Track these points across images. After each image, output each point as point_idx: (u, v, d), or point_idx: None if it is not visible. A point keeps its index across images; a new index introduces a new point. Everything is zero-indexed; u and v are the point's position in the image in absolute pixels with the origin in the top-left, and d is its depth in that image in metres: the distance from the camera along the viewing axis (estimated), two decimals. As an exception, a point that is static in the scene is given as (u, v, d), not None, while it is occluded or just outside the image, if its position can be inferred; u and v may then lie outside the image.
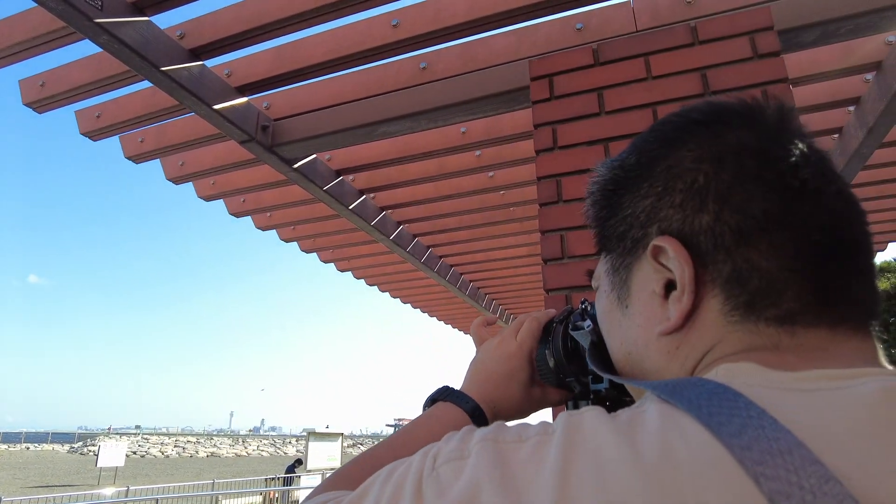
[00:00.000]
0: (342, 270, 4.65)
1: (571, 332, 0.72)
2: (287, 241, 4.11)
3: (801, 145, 0.48)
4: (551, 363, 0.75)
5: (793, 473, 0.30)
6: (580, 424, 0.38)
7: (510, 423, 0.44)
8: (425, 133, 2.69)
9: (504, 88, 2.01)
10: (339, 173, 2.98)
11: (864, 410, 0.34)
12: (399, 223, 3.64)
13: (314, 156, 2.76)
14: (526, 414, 0.78)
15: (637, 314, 0.53)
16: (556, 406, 0.79)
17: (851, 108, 2.49)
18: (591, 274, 0.67)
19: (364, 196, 3.21)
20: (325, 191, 2.85)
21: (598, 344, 0.65)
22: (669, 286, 0.49)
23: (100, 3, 1.68)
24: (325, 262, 4.46)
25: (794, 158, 0.47)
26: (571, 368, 0.73)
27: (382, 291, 5.30)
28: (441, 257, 4.34)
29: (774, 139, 0.48)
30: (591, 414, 0.39)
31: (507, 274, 4.81)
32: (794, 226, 0.45)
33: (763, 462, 0.31)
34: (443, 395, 0.74)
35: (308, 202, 3.45)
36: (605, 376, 0.60)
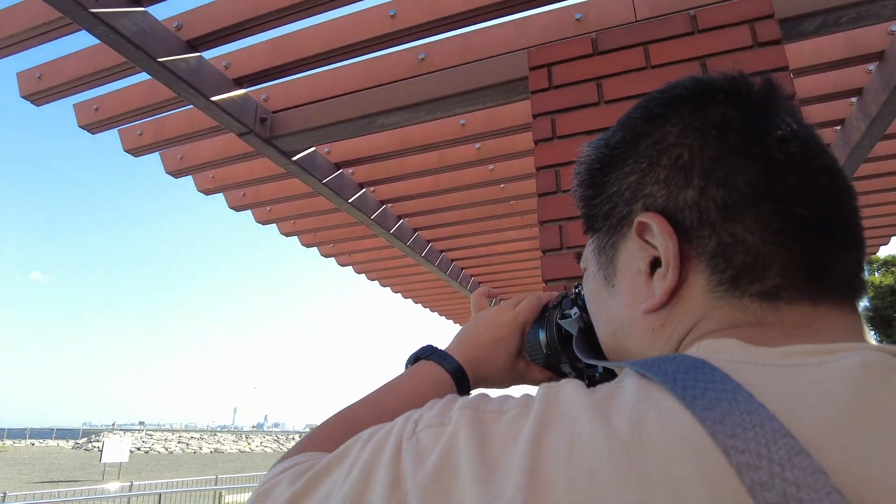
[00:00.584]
0: (343, 265, 4.65)
1: (559, 321, 0.72)
2: (287, 235, 4.10)
3: (787, 119, 0.48)
4: (542, 343, 0.75)
5: (763, 446, 0.30)
6: (557, 397, 0.38)
7: (494, 395, 0.43)
8: (424, 125, 2.68)
9: (503, 79, 2.00)
10: (338, 166, 2.97)
11: (841, 385, 0.34)
12: (399, 217, 3.63)
13: (313, 148, 2.75)
14: (507, 385, 0.78)
15: (623, 293, 0.53)
16: (538, 385, 0.79)
17: (854, 100, 2.47)
18: (579, 256, 0.67)
19: (364, 189, 3.20)
20: (324, 184, 2.84)
21: (586, 331, 0.66)
22: (655, 264, 0.49)
23: (95, -7, 1.67)
24: (326, 256, 4.46)
25: (779, 132, 0.46)
26: (566, 353, 0.73)
27: (383, 286, 5.30)
28: (442, 251, 4.33)
29: (760, 114, 0.48)
30: (569, 387, 0.39)
31: (509, 268, 4.80)
32: (779, 199, 0.45)
33: (735, 435, 0.31)
34: (426, 353, 0.73)
35: (308, 196, 3.44)
36: (588, 362, 0.60)
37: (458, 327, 7.60)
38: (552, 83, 1.72)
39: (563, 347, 0.73)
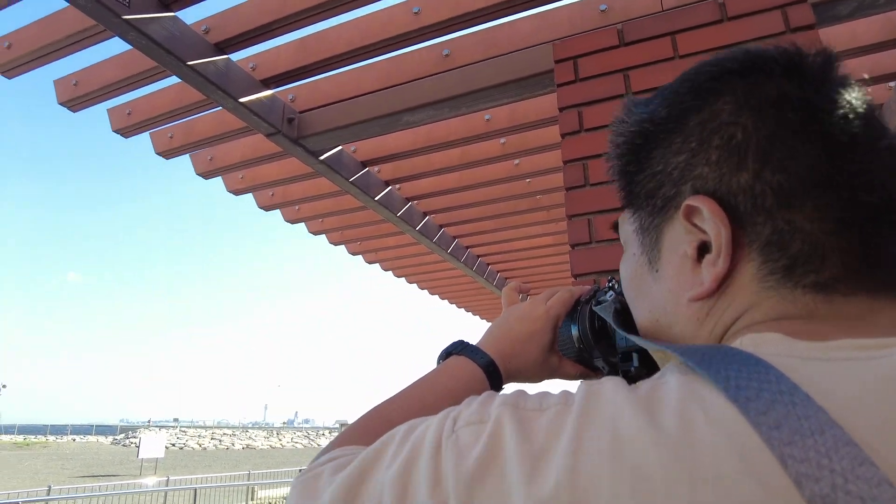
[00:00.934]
0: (370, 262, 4.68)
1: (594, 308, 0.71)
2: (315, 233, 4.15)
3: (847, 95, 0.44)
4: (575, 337, 0.75)
5: (824, 456, 0.28)
6: (598, 394, 0.37)
7: (531, 391, 0.43)
8: (449, 122, 2.68)
9: (527, 73, 1.98)
10: (364, 164, 2.99)
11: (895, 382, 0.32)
12: (425, 213, 3.64)
13: (340, 147, 2.77)
14: (539, 379, 0.78)
15: (667, 278, 0.51)
16: (571, 380, 0.78)
17: (892, 84, 2.39)
18: (616, 227, 0.64)
19: (390, 187, 3.22)
20: (351, 182, 2.86)
21: (622, 311, 0.64)
22: (702, 249, 0.47)
23: (127, 1, 1.72)
24: (353, 254, 4.49)
25: (841, 110, 0.43)
26: (599, 348, 0.73)
27: (410, 283, 5.32)
28: (468, 247, 4.33)
29: (818, 89, 0.45)
30: (610, 384, 0.38)
31: (535, 263, 4.78)
32: (841, 186, 0.42)
33: (792, 442, 0.29)
34: (457, 348, 0.73)
35: (335, 194, 3.47)
36: (631, 338, 0.58)
37: (485, 323, 7.59)
38: (578, 76, 1.70)
39: (597, 341, 0.73)
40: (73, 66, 2.45)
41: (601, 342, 0.73)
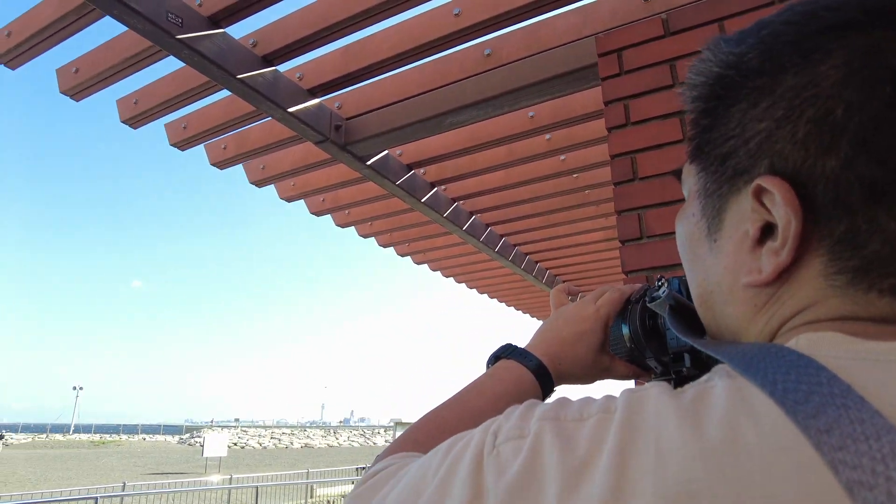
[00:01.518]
0: (418, 263, 4.72)
1: (648, 304, 0.69)
2: (365, 236, 4.22)
3: None
4: (626, 336, 0.73)
5: (879, 462, 0.26)
6: (641, 403, 0.36)
7: (574, 397, 0.43)
8: (493, 120, 2.67)
9: (570, 68, 1.96)
10: (410, 167, 3.02)
11: None
12: (471, 213, 3.64)
13: (386, 151, 2.81)
14: (590, 380, 0.76)
15: (725, 253, 0.47)
16: (624, 379, 0.77)
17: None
18: (678, 175, 0.59)
19: (435, 188, 3.24)
20: (397, 185, 2.90)
21: (678, 308, 0.62)
22: (766, 230, 0.43)
23: (180, 20, 1.79)
24: (402, 255, 4.54)
25: None
26: (651, 346, 0.71)
27: (458, 283, 5.34)
28: (515, 246, 4.31)
29: None
30: (654, 392, 0.37)
31: (585, 259, 4.71)
32: None
33: (844, 447, 0.27)
34: (506, 352, 0.72)
35: (383, 198, 3.52)
36: (684, 340, 0.57)
37: (534, 321, 7.53)
38: (623, 68, 1.67)
39: (648, 340, 0.72)
40: (133, 86, 2.58)
41: (653, 341, 0.71)
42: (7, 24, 2.23)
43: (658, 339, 0.71)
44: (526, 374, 0.69)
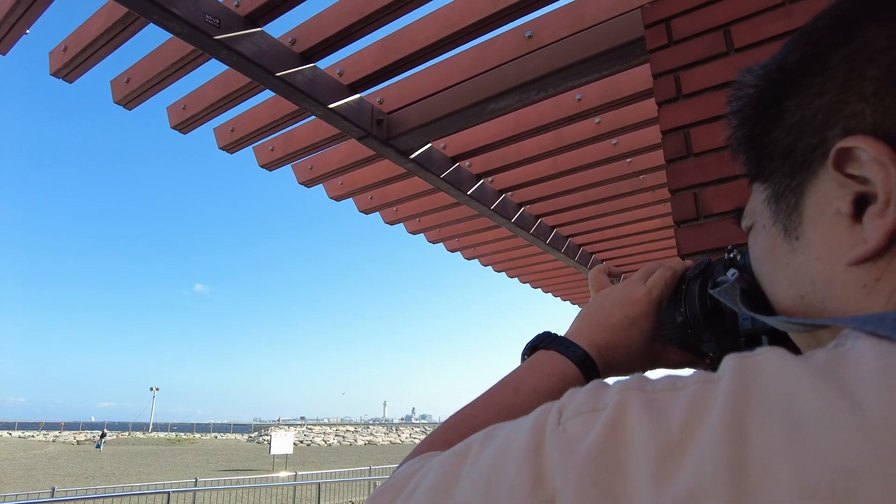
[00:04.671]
0: (469, 258, 4.67)
1: (712, 292, 0.60)
2: (414, 233, 4.20)
3: None
4: (681, 320, 0.65)
5: None
6: (758, 367, 0.29)
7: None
8: (538, 106, 2.58)
9: (616, 43, 1.85)
10: (454, 160, 2.97)
11: None
12: (520, 205, 3.56)
13: (429, 145, 2.77)
14: (642, 371, 0.66)
15: (814, 244, 0.42)
16: (675, 368, 0.68)
17: None
18: (739, 216, 0.55)
19: (482, 180, 3.17)
20: (442, 178, 2.85)
21: (749, 290, 0.54)
22: (861, 202, 0.38)
23: (217, 21, 1.81)
24: (452, 251, 4.50)
25: None
26: (710, 331, 0.63)
27: (511, 277, 5.25)
28: (568, 237, 4.18)
29: None
30: (773, 354, 0.30)
31: (642, 249, 4.52)
32: None
33: None
34: (545, 342, 0.63)
35: (430, 192, 3.49)
36: (769, 320, 0.48)
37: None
38: (672, 38, 1.55)
39: (708, 324, 0.63)
40: (181, 93, 2.64)
41: (713, 324, 0.63)
42: (63, 39, 2.32)
43: (721, 321, 0.62)
44: (569, 366, 0.60)
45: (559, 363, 0.61)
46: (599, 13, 1.95)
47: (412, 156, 2.65)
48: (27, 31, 2.18)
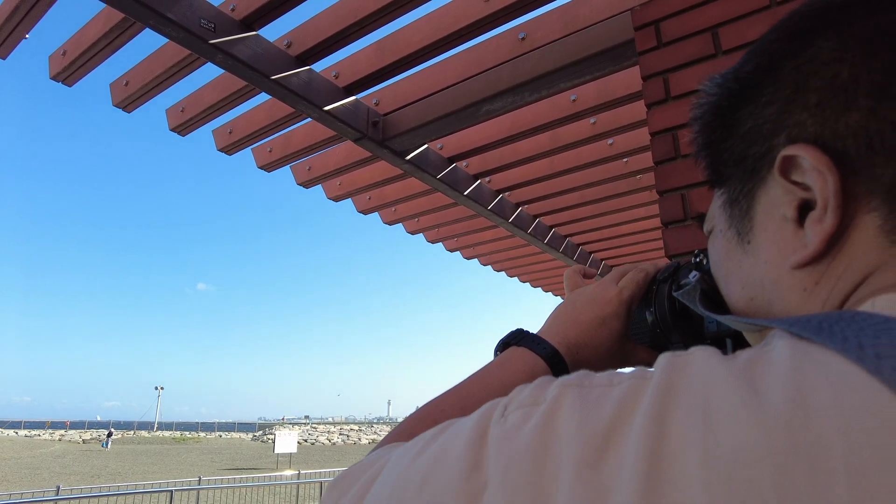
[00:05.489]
0: (468, 258, 4.68)
1: (675, 295, 0.62)
2: (413, 233, 4.22)
3: None
4: (651, 320, 0.67)
5: None
6: (686, 365, 0.31)
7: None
8: (534, 107, 2.59)
9: (607, 45, 1.87)
10: (451, 161, 2.98)
11: None
12: (518, 205, 3.57)
13: (426, 146, 2.79)
14: (613, 369, 0.69)
15: (763, 248, 0.44)
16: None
17: None
18: (702, 220, 0.58)
19: (479, 181, 3.19)
20: (438, 179, 2.87)
21: (709, 291, 0.56)
22: (805, 208, 0.40)
23: (212, 26, 1.83)
24: (451, 251, 4.52)
25: None
26: (679, 331, 0.65)
27: (511, 276, 5.27)
28: (566, 236, 4.20)
29: None
30: (701, 354, 0.31)
31: (640, 248, 4.53)
32: None
33: None
34: (516, 338, 0.65)
35: (427, 193, 3.50)
36: (723, 319, 0.50)
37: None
38: (661, 40, 1.57)
39: (676, 325, 0.65)
40: (180, 96, 2.66)
41: (682, 325, 0.65)
42: (62, 43, 2.35)
43: (688, 323, 0.64)
44: (539, 362, 0.62)
45: (529, 359, 0.62)
46: (592, 15, 1.97)
47: (408, 157, 2.67)
48: (27, 36, 2.21)
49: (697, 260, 0.63)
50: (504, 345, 0.66)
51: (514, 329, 0.68)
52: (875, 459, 0.22)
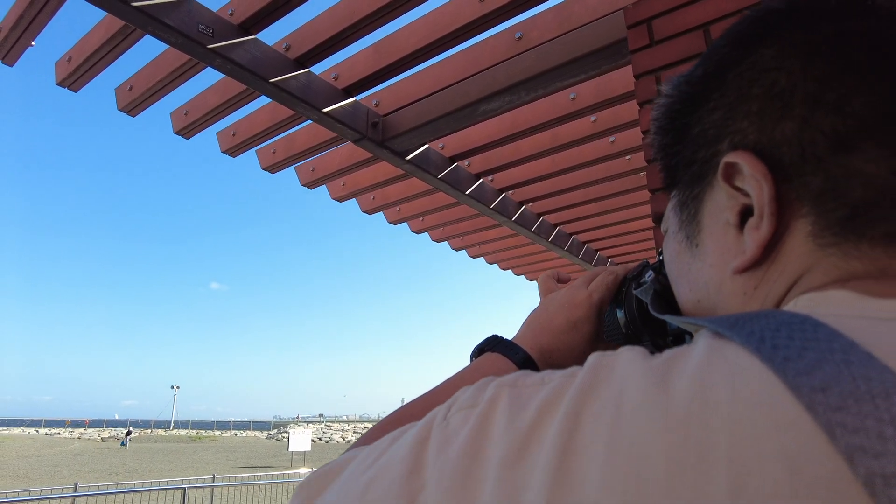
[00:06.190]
0: (474, 257, 4.69)
1: (634, 292, 0.64)
2: (418, 232, 4.24)
3: None
4: (622, 322, 0.68)
5: (888, 424, 0.22)
6: (611, 365, 0.32)
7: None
8: (533, 105, 2.60)
9: (601, 44, 1.87)
10: (453, 160, 2.99)
11: None
12: (521, 203, 3.57)
13: (426, 145, 2.80)
14: None
15: (708, 252, 0.45)
16: None
17: None
18: (660, 219, 0.60)
19: (481, 180, 3.20)
20: (439, 179, 2.88)
21: (662, 292, 0.58)
22: (746, 214, 0.41)
23: (211, 31, 1.85)
24: (456, 249, 4.53)
25: None
26: (648, 331, 0.66)
27: (517, 275, 5.27)
28: (571, 234, 4.19)
29: (890, 24, 0.38)
30: (627, 353, 0.33)
31: (647, 246, 4.51)
32: None
33: (843, 408, 0.23)
34: (490, 345, 0.66)
35: (431, 192, 3.52)
36: (666, 318, 0.52)
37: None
38: (653, 39, 1.56)
39: (645, 324, 0.66)
40: (183, 98, 2.71)
41: (650, 325, 0.66)
42: (67, 50, 2.39)
43: (656, 322, 0.65)
44: (512, 368, 0.63)
45: (502, 365, 0.63)
46: (586, 13, 1.97)
47: (408, 157, 2.68)
48: (32, 43, 2.25)
49: (661, 259, 0.65)
50: (479, 351, 0.67)
51: (490, 335, 0.69)
52: (755, 450, 0.23)
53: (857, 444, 0.22)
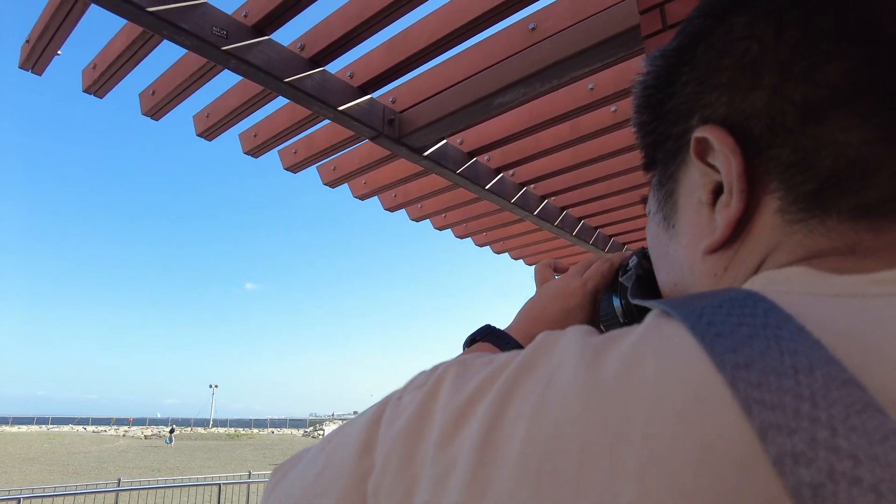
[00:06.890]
0: (498, 252, 4.66)
1: (621, 280, 0.63)
2: (440, 229, 4.23)
3: None
4: (618, 310, 0.66)
5: (805, 401, 0.22)
6: (553, 342, 0.31)
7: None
8: (551, 97, 2.56)
9: (614, 32, 1.83)
10: (472, 155, 2.97)
11: None
12: (543, 197, 3.53)
13: (444, 141, 2.79)
14: None
15: (684, 233, 0.44)
16: None
17: None
18: (645, 201, 0.57)
19: (501, 174, 3.17)
20: (458, 174, 2.87)
21: (646, 277, 0.57)
22: (719, 191, 0.39)
23: (225, 33, 1.88)
24: (480, 245, 4.51)
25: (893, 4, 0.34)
26: (642, 317, 0.64)
27: (543, 269, 5.21)
28: (596, 228, 4.13)
29: None
30: (572, 332, 0.32)
31: (675, 238, 4.42)
32: (890, 88, 0.33)
33: (763, 384, 0.22)
34: (482, 334, 0.65)
35: (451, 188, 3.50)
36: (634, 301, 0.51)
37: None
38: (666, 24, 1.52)
39: (642, 312, 0.64)
40: (205, 101, 2.75)
41: (644, 311, 0.64)
42: (92, 58, 2.46)
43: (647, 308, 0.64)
44: None
45: None
46: (602, 2, 1.93)
47: (426, 153, 2.67)
48: (59, 52, 2.32)
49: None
50: (472, 340, 0.66)
51: (483, 325, 0.68)
52: (670, 428, 0.22)
53: (772, 421, 0.21)
